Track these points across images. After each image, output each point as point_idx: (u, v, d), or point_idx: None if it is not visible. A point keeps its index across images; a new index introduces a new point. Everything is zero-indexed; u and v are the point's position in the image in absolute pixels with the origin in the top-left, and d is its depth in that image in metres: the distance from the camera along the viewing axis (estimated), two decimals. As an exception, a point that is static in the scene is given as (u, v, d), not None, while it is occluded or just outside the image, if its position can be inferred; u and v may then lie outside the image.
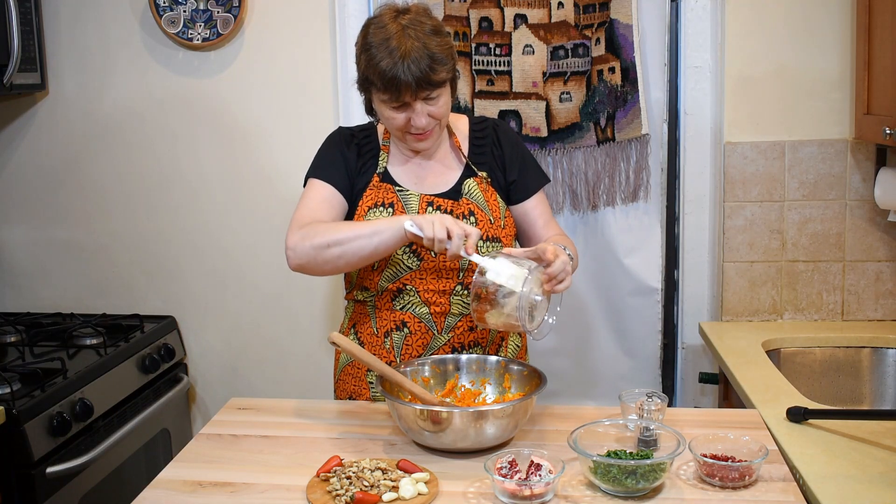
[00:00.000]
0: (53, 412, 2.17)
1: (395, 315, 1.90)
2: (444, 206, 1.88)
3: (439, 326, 1.89)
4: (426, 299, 1.88)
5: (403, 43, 1.73)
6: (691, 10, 2.58)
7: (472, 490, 1.53)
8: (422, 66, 1.73)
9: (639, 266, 2.68)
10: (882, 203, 2.43)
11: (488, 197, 1.92)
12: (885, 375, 2.39)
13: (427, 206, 1.89)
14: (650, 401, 1.72)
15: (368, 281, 1.91)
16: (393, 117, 1.81)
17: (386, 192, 1.90)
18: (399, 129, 1.84)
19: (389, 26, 1.76)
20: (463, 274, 1.88)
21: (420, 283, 1.88)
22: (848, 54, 2.48)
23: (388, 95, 1.77)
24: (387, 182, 1.92)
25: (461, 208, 1.88)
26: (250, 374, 2.90)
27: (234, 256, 2.85)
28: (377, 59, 1.74)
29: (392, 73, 1.73)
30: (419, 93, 1.76)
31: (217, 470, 1.64)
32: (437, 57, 1.75)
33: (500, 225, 1.91)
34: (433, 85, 1.76)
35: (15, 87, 2.60)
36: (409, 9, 1.80)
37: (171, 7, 2.68)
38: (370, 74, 1.78)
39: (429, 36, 1.76)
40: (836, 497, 1.47)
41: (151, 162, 2.83)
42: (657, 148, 2.63)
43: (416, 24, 1.76)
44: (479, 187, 1.91)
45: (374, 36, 1.77)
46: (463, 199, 1.90)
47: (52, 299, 2.93)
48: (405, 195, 1.90)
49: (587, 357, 2.76)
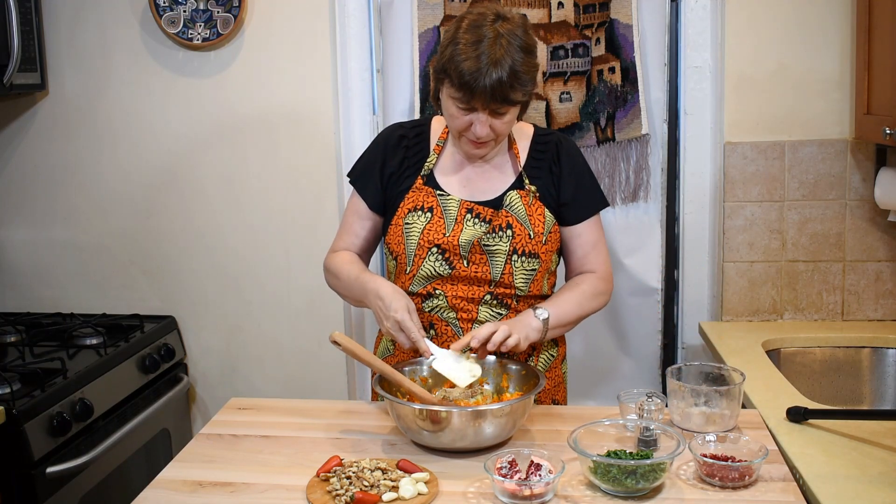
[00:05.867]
0: (53, 412, 2.16)
1: (423, 316, 1.90)
2: (484, 215, 1.87)
3: (465, 332, 1.88)
4: (454, 305, 1.88)
5: (494, 52, 1.69)
6: (691, 10, 2.58)
7: (472, 490, 1.53)
8: (503, 80, 1.69)
9: (639, 266, 2.68)
10: (882, 203, 2.43)
11: (532, 211, 1.89)
12: (885, 375, 2.39)
13: (466, 212, 1.87)
14: (650, 401, 1.72)
15: (400, 283, 1.92)
16: (456, 116, 1.79)
17: (426, 196, 1.89)
18: (458, 130, 1.82)
19: (486, 28, 1.72)
20: (493, 285, 1.88)
21: (450, 289, 1.88)
22: (848, 54, 2.48)
23: (459, 95, 1.74)
24: (430, 185, 1.90)
25: (500, 219, 1.87)
26: (250, 374, 2.90)
27: (234, 256, 2.85)
28: (462, 58, 1.71)
29: (471, 77, 1.70)
30: (491, 105, 1.73)
31: (217, 470, 1.64)
32: (521, 77, 1.72)
33: (541, 241, 1.88)
34: (507, 102, 1.74)
35: (15, 87, 2.60)
36: (510, 18, 1.76)
37: (171, 7, 2.69)
38: (449, 68, 1.74)
39: (518, 52, 1.72)
40: (836, 497, 1.47)
41: (151, 162, 2.83)
42: (657, 148, 2.63)
43: (512, 37, 1.72)
44: (521, 200, 1.89)
45: (467, 32, 1.73)
46: (503, 210, 1.88)
47: (52, 299, 2.93)
48: (446, 200, 1.88)
49: (587, 357, 2.76)
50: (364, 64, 2.72)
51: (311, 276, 2.80)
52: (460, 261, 1.86)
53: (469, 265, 1.86)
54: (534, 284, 1.90)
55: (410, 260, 1.88)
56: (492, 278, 1.87)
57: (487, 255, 1.86)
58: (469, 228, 1.86)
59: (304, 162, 2.77)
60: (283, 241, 2.81)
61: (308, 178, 2.76)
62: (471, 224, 1.86)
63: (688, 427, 1.75)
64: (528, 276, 1.88)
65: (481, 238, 1.85)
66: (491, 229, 1.86)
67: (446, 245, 1.85)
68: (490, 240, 1.85)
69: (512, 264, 1.86)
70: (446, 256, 1.86)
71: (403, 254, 1.89)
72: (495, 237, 1.85)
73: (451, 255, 1.86)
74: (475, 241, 1.85)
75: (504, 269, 1.86)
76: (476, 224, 1.86)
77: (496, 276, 1.87)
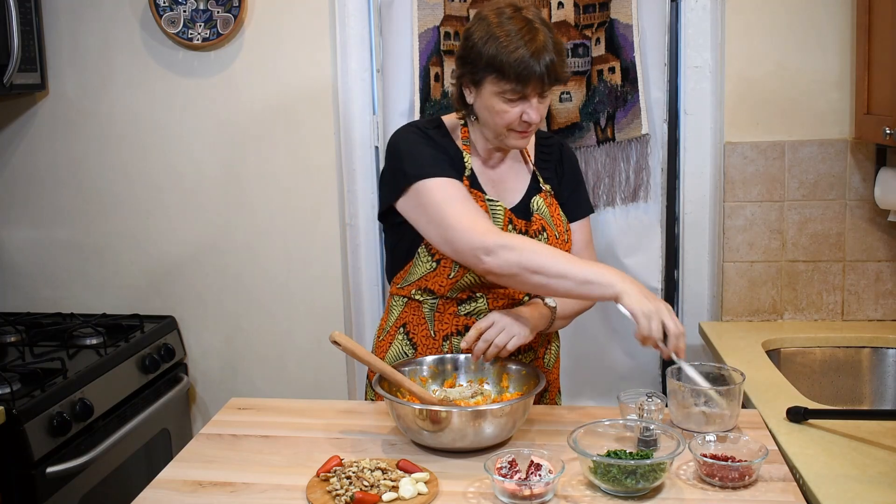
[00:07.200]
0: (53, 412, 2.17)
1: (458, 320, 1.88)
2: (518, 226, 1.86)
3: None
4: (495, 307, 1.87)
5: (536, 37, 1.73)
6: (691, 10, 2.58)
7: (472, 490, 1.53)
8: (553, 60, 1.73)
9: (639, 266, 2.68)
10: (882, 203, 2.43)
11: (553, 212, 1.91)
12: (885, 375, 2.39)
13: (508, 223, 1.85)
14: (650, 401, 1.72)
15: (437, 286, 1.87)
16: (506, 111, 1.77)
17: (476, 200, 1.85)
18: (507, 125, 1.79)
19: (516, 19, 1.75)
20: None
21: (490, 293, 1.87)
22: (848, 54, 2.48)
23: (512, 86, 1.74)
24: (475, 188, 1.87)
25: (534, 225, 1.87)
26: (250, 374, 2.90)
27: (234, 256, 2.85)
28: (511, 48, 1.72)
29: (527, 63, 1.71)
30: (545, 87, 1.76)
31: (217, 470, 1.64)
32: (563, 53, 1.77)
33: (565, 239, 1.91)
34: (560, 81, 1.77)
35: (15, 87, 2.60)
36: (525, 6, 1.79)
37: (171, 7, 2.69)
38: (497, 63, 1.73)
39: (550, 33, 1.77)
40: (836, 497, 1.47)
41: (151, 162, 2.83)
42: (657, 148, 2.63)
43: (540, 20, 1.77)
44: (545, 202, 1.91)
45: (500, 27, 1.75)
46: (534, 215, 1.88)
47: (52, 299, 2.93)
48: (493, 206, 1.86)
49: (587, 357, 2.76)
50: (364, 64, 2.72)
51: (312, 277, 2.80)
52: None
53: None
54: None
55: (456, 265, 1.83)
56: None
57: None
58: None
59: (304, 162, 2.76)
60: (284, 241, 2.81)
61: (308, 178, 2.76)
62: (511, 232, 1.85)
63: (688, 427, 1.75)
64: None
65: None
66: (529, 236, 1.85)
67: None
68: None
69: None
70: None
71: (450, 259, 1.82)
72: None
73: None
74: None
75: None
76: (516, 233, 1.85)
77: None
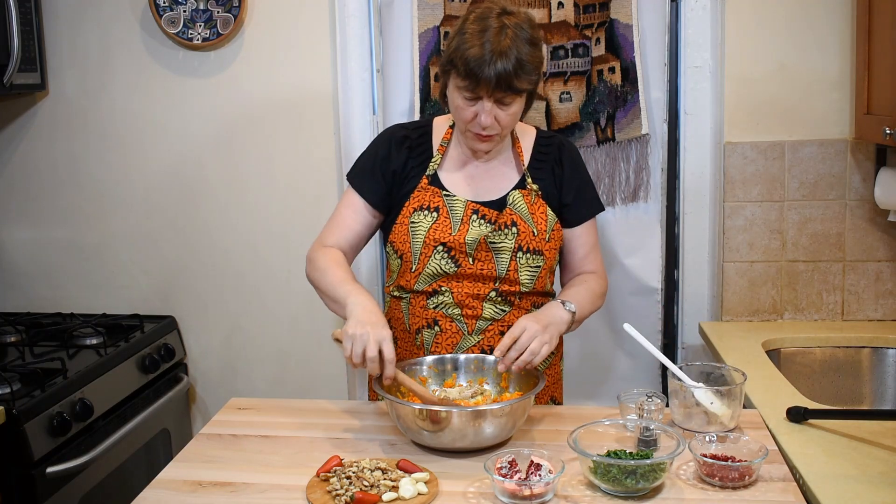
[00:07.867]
0: (53, 412, 2.16)
1: (427, 313, 1.92)
2: (489, 216, 1.88)
3: (470, 328, 1.90)
4: (459, 301, 1.89)
5: (499, 41, 1.73)
6: (691, 10, 2.58)
7: (472, 490, 1.53)
8: (508, 68, 1.73)
9: (639, 266, 2.68)
10: (882, 203, 2.43)
11: (534, 209, 1.91)
12: (885, 375, 2.39)
13: (472, 213, 1.89)
14: (650, 401, 1.72)
15: (404, 281, 1.93)
16: (462, 108, 1.81)
17: (433, 196, 1.90)
18: (464, 122, 1.83)
19: (491, 20, 1.76)
20: (499, 282, 1.89)
21: (456, 287, 1.89)
22: (848, 54, 2.48)
23: (465, 83, 1.76)
24: (435, 185, 1.92)
25: (504, 218, 1.89)
26: (250, 374, 2.90)
27: (234, 256, 2.85)
28: (467, 46, 1.74)
29: (476, 64, 1.73)
30: (496, 93, 1.76)
31: (217, 470, 1.64)
32: (525, 65, 1.75)
33: (545, 238, 1.91)
34: (512, 90, 1.76)
35: (15, 87, 2.60)
36: (515, 13, 1.80)
37: (171, 7, 2.68)
38: (455, 58, 1.77)
39: (524, 43, 1.76)
40: (836, 497, 1.47)
41: (151, 162, 2.83)
42: (657, 148, 2.63)
43: (517, 29, 1.76)
44: (524, 199, 1.91)
45: (472, 24, 1.77)
46: (507, 209, 1.90)
47: (52, 299, 2.93)
48: (451, 200, 1.90)
49: (587, 357, 2.76)
50: (364, 64, 2.72)
51: (311, 276, 2.80)
52: (466, 258, 1.87)
53: (475, 262, 1.87)
54: (538, 281, 1.92)
55: (416, 258, 1.89)
56: (497, 275, 1.88)
57: (493, 253, 1.87)
58: (475, 228, 1.87)
59: (304, 162, 2.77)
60: (284, 240, 2.81)
61: (308, 178, 2.76)
62: (476, 224, 1.88)
63: (688, 427, 1.75)
64: (533, 273, 1.90)
65: (487, 236, 1.87)
66: (496, 227, 1.87)
67: (452, 243, 1.86)
68: (496, 237, 1.87)
69: (517, 261, 1.87)
70: (452, 254, 1.87)
71: (409, 252, 1.90)
72: (501, 234, 1.87)
73: (457, 252, 1.87)
74: (481, 238, 1.87)
75: (509, 265, 1.88)
76: (481, 224, 1.88)
77: (502, 272, 1.88)
